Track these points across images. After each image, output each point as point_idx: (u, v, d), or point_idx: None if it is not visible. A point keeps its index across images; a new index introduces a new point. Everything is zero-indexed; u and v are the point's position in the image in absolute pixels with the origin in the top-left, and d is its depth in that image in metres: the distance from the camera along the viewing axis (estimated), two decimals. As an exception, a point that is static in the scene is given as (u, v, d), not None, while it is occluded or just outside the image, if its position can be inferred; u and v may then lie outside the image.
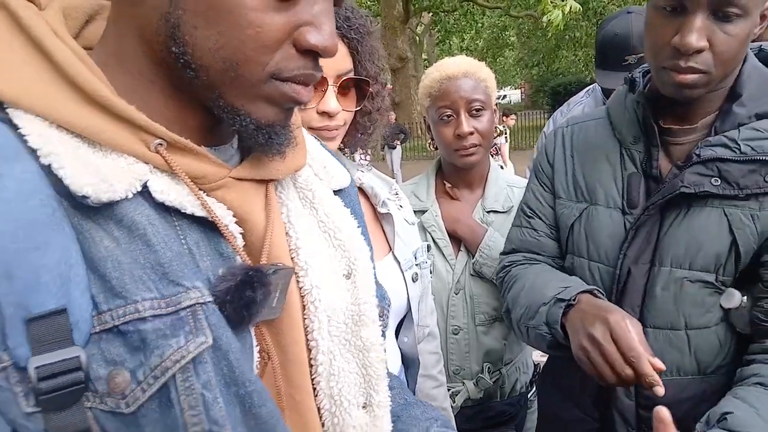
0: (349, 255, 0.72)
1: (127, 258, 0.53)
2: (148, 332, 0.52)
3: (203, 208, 0.58)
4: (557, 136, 1.38)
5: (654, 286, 1.13)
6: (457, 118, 1.62)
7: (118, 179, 0.54)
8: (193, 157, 0.59)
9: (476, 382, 1.68)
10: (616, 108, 1.28)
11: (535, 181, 1.40)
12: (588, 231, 1.23)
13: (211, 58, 0.55)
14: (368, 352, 0.70)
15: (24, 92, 0.53)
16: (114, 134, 0.55)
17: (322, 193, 0.74)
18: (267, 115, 0.59)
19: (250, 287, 0.58)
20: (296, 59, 0.58)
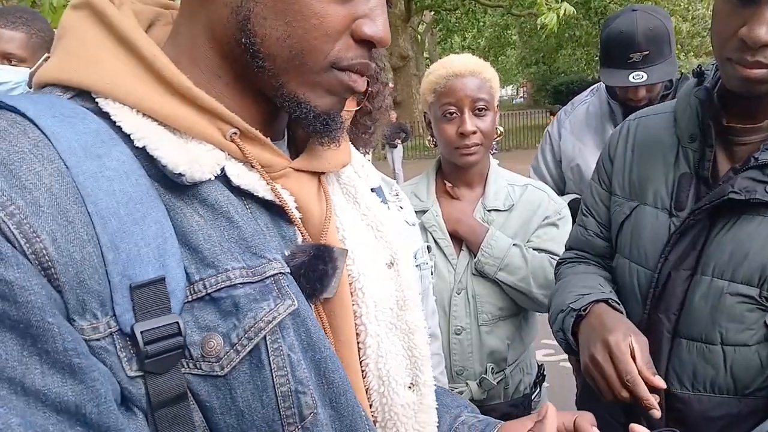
0: (391, 246, 0.77)
1: (215, 232, 0.57)
2: (240, 297, 0.56)
3: (273, 192, 0.63)
4: (622, 130, 1.31)
5: (692, 295, 1.07)
6: (461, 116, 1.60)
7: (204, 161, 0.58)
8: (261, 147, 0.63)
9: (479, 382, 1.67)
10: (681, 102, 1.20)
11: (595, 176, 1.35)
12: (634, 231, 1.19)
13: (278, 47, 0.60)
14: (413, 334, 0.74)
15: (113, 83, 0.57)
16: (195, 122, 0.59)
17: (363, 189, 0.79)
18: (325, 103, 0.64)
19: (322, 261, 0.63)
20: (354, 49, 0.62)
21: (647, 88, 2.01)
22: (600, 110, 2.23)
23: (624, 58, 1.97)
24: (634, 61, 1.95)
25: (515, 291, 1.63)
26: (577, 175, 2.23)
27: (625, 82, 1.97)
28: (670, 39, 2.00)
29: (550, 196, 1.73)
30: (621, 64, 1.98)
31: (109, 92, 0.57)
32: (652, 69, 1.95)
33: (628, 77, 1.96)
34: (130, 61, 0.58)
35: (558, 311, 1.18)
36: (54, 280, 0.49)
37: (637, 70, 1.95)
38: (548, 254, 1.65)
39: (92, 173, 0.52)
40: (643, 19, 1.96)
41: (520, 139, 18.60)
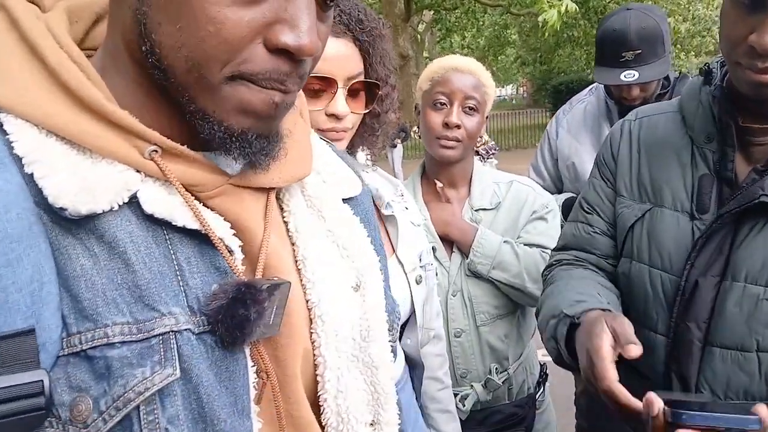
0: (358, 266, 0.70)
1: (102, 278, 0.51)
2: (114, 359, 0.50)
3: (196, 219, 0.55)
4: (623, 129, 1.27)
5: (724, 302, 1.04)
6: (450, 108, 1.62)
7: (104, 189, 0.52)
8: (189, 164, 0.56)
9: (485, 384, 1.67)
10: (690, 102, 1.17)
11: (596, 174, 1.30)
12: (651, 235, 1.14)
13: (174, 57, 0.52)
14: (376, 369, 0.68)
15: (17, 97, 0.52)
16: (106, 140, 0.53)
17: (330, 201, 0.72)
18: (241, 122, 0.55)
19: (242, 305, 0.55)
20: (264, 61, 0.53)
21: (641, 87, 2.02)
22: (597, 109, 2.24)
23: (616, 56, 1.98)
24: (626, 59, 1.97)
25: (510, 288, 1.64)
26: (572, 174, 2.24)
27: (617, 80, 1.99)
28: (663, 38, 2.01)
29: (536, 190, 1.74)
30: (614, 63, 2.00)
31: (11, 107, 0.51)
32: (644, 68, 1.96)
33: (619, 76, 1.98)
34: (39, 72, 0.53)
35: (549, 316, 1.13)
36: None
37: (629, 68, 1.96)
38: (539, 248, 1.65)
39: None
40: (637, 18, 1.98)
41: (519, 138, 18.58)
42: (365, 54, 1.21)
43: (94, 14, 0.62)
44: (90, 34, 0.63)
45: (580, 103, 2.32)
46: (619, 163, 1.24)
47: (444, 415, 1.47)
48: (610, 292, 1.19)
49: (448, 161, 1.67)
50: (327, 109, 1.16)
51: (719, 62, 1.15)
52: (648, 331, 1.14)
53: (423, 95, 1.68)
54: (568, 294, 1.14)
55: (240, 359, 0.58)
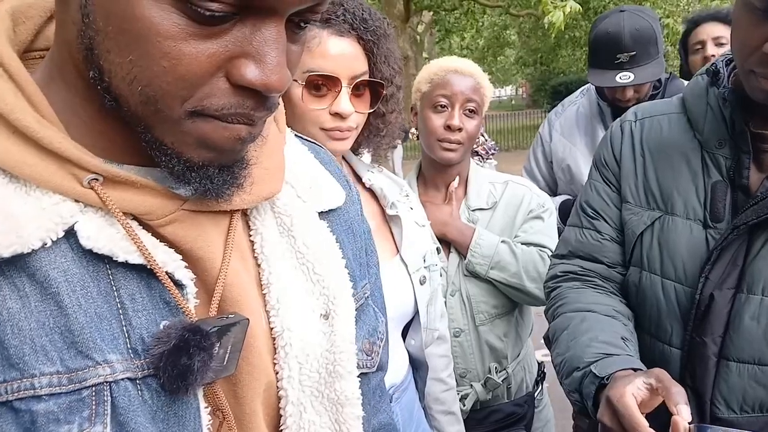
0: (328, 293, 0.64)
1: (32, 322, 0.47)
2: (39, 414, 0.46)
3: (140, 254, 0.50)
4: (624, 130, 1.22)
5: (741, 316, 1.01)
6: (451, 111, 1.62)
7: (34, 226, 0.47)
8: (135, 191, 0.51)
9: (485, 383, 1.68)
10: (696, 103, 1.12)
11: (598, 177, 1.24)
12: (663, 244, 1.10)
13: (126, 88, 0.47)
14: (342, 406, 0.64)
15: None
16: (39, 168, 0.48)
17: (303, 218, 0.65)
18: (201, 155, 0.50)
19: (185, 353, 0.50)
20: (227, 95, 0.48)
21: (635, 89, 2.02)
22: (590, 111, 2.24)
23: (611, 58, 1.98)
24: (621, 61, 1.97)
25: (508, 287, 1.64)
26: (567, 176, 2.24)
27: (612, 82, 1.99)
28: (657, 40, 2.02)
29: (532, 190, 1.75)
30: (608, 65, 2.00)
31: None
32: (638, 69, 1.97)
33: (615, 78, 1.98)
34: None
35: (573, 367, 1.05)
36: None
37: (624, 70, 1.96)
38: (537, 247, 1.66)
39: None
40: (630, 20, 1.98)
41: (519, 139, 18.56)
42: (369, 53, 1.22)
43: (46, 10, 0.57)
44: (43, 33, 0.57)
45: (573, 105, 2.32)
46: (623, 166, 1.19)
47: (448, 417, 1.48)
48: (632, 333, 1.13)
49: (449, 163, 1.68)
50: (331, 108, 1.16)
51: (724, 61, 1.11)
52: (662, 344, 1.12)
53: (422, 97, 1.68)
54: (593, 343, 1.06)
55: (191, 402, 0.54)
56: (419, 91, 1.69)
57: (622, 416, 0.89)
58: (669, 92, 2.08)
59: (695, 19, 2.41)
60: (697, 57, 2.38)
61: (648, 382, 0.92)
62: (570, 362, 1.08)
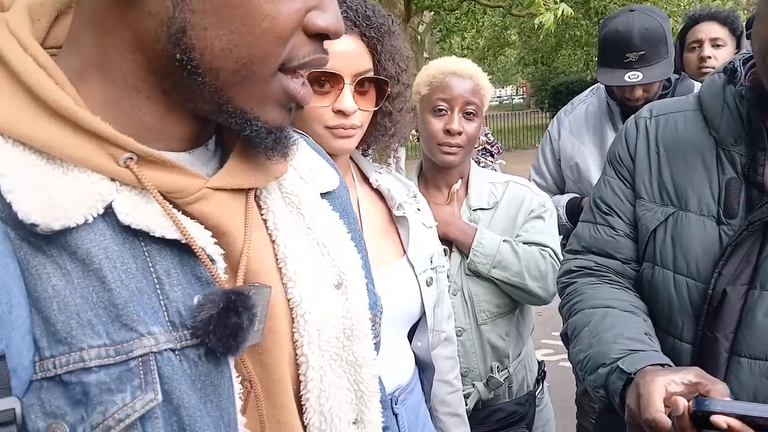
0: (339, 264, 0.69)
1: (76, 297, 0.49)
2: (91, 385, 0.48)
3: (176, 229, 0.54)
4: (639, 127, 1.22)
5: (753, 312, 1.01)
6: (450, 114, 1.62)
7: (75, 202, 0.49)
8: (167, 171, 0.55)
9: (486, 382, 1.68)
10: (712, 101, 1.12)
11: (612, 173, 1.24)
12: (676, 240, 1.10)
13: (223, 59, 0.53)
14: (360, 367, 0.67)
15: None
16: (77, 148, 0.50)
17: (308, 197, 0.70)
18: (275, 117, 0.58)
19: (234, 313, 0.54)
20: (307, 44, 0.57)
21: (644, 88, 2.03)
22: (599, 110, 2.24)
23: (620, 57, 1.99)
24: (630, 60, 1.97)
25: (510, 286, 1.65)
26: (575, 174, 2.25)
27: (621, 81, 1.99)
28: (666, 39, 2.02)
29: (533, 190, 1.75)
30: (617, 64, 2.00)
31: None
32: (647, 69, 1.97)
33: (623, 77, 1.98)
34: (3, 78, 0.50)
35: (598, 364, 1.05)
36: None
37: (633, 69, 1.97)
38: (538, 246, 1.66)
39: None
40: (640, 19, 1.99)
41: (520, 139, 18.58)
42: (373, 50, 1.21)
43: (54, 11, 0.59)
44: (51, 32, 0.60)
45: (582, 104, 2.33)
46: (637, 163, 1.20)
47: (453, 419, 1.47)
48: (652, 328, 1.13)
49: (449, 166, 1.69)
50: (334, 105, 1.16)
51: (742, 60, 1.11)
52: (673, 339, 1.12)
53: (421, 100, 1.68)
54: (618, 339, 1.06)
55: (224, 371, 0.56)
56: (418, 94, 1.69)
57: (641, 396, 0.90)
58: (678, 92, 2.08)
59: (695, 17, 2.43)
60: (693, 55, 2.40)
61: (686, 378, 0.92)
62: (595, 358, 1.07)
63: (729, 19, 2.35)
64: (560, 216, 2.14)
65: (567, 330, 1.22)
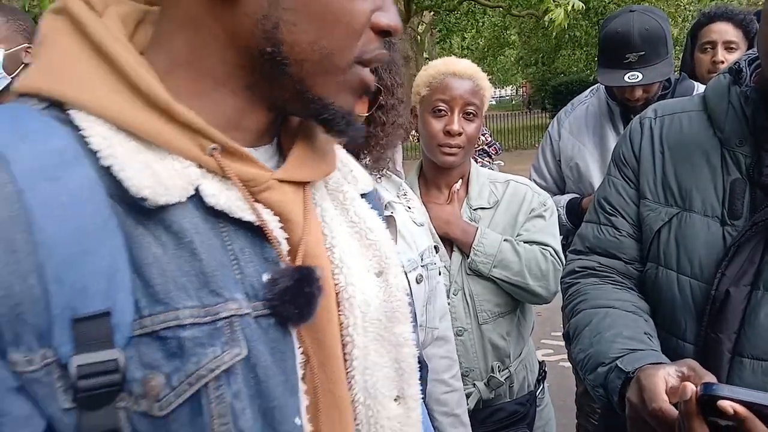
0: (380, 254, 0.74)
1: (172, 265, 0.55)
2: (186, 339, 0.54)
3: (252, 212, 0.60)
4: (644, 127, 1.22)
5: (757, 313, 1.01)
6: (450, 115, 1.62)
7: (173, 183, 0.56)
8: (243, 162, 0.61)
9: (487, 382, 1.68)
10: (717, 101, 1.12)
11: (617, 173, 1.24)
12: (680, 240, 1.10)
13: (309, 51, 0.60)
14: (401, 347, 0.73)
15: (87, 95, 0.55)
16: (172, 137, 0.57)
17: (351, 194, 0.77)
18: (348, 102, 0.65)
19: (307, 284, 0.61)
20: (374, 41, 0.64)
21: (644, 88, 2.03)
22: (599, 110, 2.24)
23: (620, 58, 1.98)
24: (629, 61, 1.97)
25: (511, 286, 1.65)
26: (575, 174, 2.25)
27: (621, 82, 1.99)
28: (666, 39, 2.02)
29: (533, 189, 1.75)
30: (617, 64, 2.00)
31: (82, 104, 0.55)
32: (647, 69, 1.97)
33: (623, 77, 1.98)
34: (106, 72, 0.56)
35: (598, 362, 1.06)
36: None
37: (633, 70, 1.97)
38: (539, 245, 1.66)
39: (45, 198, 0.51)
40: (640, 20, 1.98)
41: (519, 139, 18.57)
42: None
43: (135, 21, 0.66)
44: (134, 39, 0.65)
45: (582, 104, 2.32)
46: (642, 163, 1.20)
47: (450, 419, 1.47)
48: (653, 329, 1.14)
49: (450, 167, 1.69)
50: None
51: (747, 60, 1.11)
52: (675, 339, 1.12)
53: (421, 101, 1.68)
54: (617, 338, 1.07)
55: (289, 341, 0.62)
56: (418, 95, 1.69)
57: (645, 389, 0.91)
58: (678, 93, 2.08)
59: (710, 15, 2.37)
60: (705, 56, 2.35)
61: (680, 370, 0.93)
62: (594, 358, 1.08)
63: (744, 21, 2.29)
64: (560, 216, 2.14)
65: (569, 330, 1.23)
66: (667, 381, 0.92)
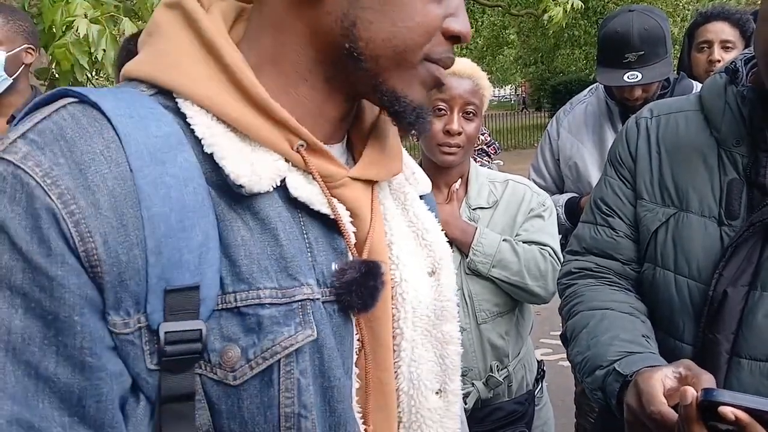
0: (435, 254, 0.78)
1: (257, 248, 0.59)
2: (265, 317, 0.58)
3: (329, 206, 0.64)
4: (640, 127, 1.22)
5: (754, 313, 1.01)
6: (450, 115, 1.62)
7: (265, 173, 0.60)
8: (324, 159, 0.65)
9: (486, 381, 1.68)
10: (714, 101, 1.12)
11: (613, 174, 1.24)
12: (677, 241, 1.10)
13: (383, 47, 0.63)
14: (447, 344, 0.76)
15: (195, 86, 0.60)
16: (267, 132, 0.62)
17: (412, 195, 0.80)
18: (419, 96, 0.68)
19: (372, 277, 0.65)
20: (443, 44, 0.67)
21: (643, 88, 2.03)
22: (598, 109, 2.25)
23: (619, 57, 1.99)
24: (629, 60, 1.97)
25: (510, 285, 1.65)
26: (574, 174, 2.25)
27: (620, 81, 1.99)
28: (665, 39, 2.02)
29: (532, 189, 1.75)
30: (616, 64, 2.00)
31: (189, 94, 0.60)
32: (647, 69, 1.97)
33: (623, 77, 1.98)
34: (213, 67, 0.61)
35: (595, 365, 1.05)
36: (98, 278, 0.53)
37: (632, 69, 1.97)
38: (538, 245, 1.66)
39: (153, 178, 0.55)
40: (639, 20, 1.99)
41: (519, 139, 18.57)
42: None
43: (231, 18, 0.70)
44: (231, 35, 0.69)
45: (581, 104, 2.33)
46: (638, 163, 1.19)
47: None
48: (650, 330, 1.14)
49: (449, 166, 1.69)
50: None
51: (743, 60, 1.11)
52: (673, 340, 1.12)
53: None
54: (615, 342, 1.07)
55: (349, 328, 0.67)
56: None
57: (643, 393, 0.91)
58: (677, 92, 2.08)
59: (706, 14, 2.37)
60: (702, 56, 2.36)
61: (677, 371, 0.93)
62: (592, 360, 1.08)
63: (741, 21, 2.29)
64: (559, 216, 2.14)
65: (566, 332, 1.23)
66: (665, 383, 0.92)
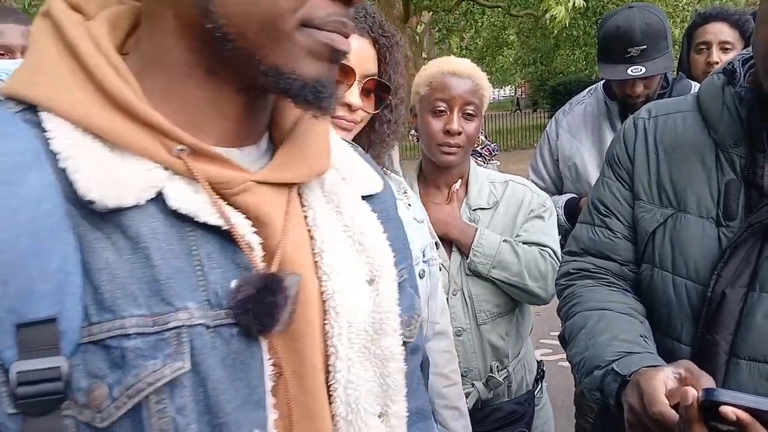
0: (373, 261, 0.71)
1: (124, 271, 0.54)
2: (128, 350, 0.53)
3: (220, 216, 0.58)
4: (638, 128, 1.21)
5: (753, 314, 1.01)
6: (450, 114, 1.62)
7: (130, 186, 0.54)
8: (215, 163, 0.59)
9: (486, 382, 1.68)
10: (711, 102, 1.12)
11: (611, 174, 1.24)
12: (675, 241, 1.10)
13: (246, 21, 0.56)
14: (387, 361, 0.69)
15: (56, 97, 0.55)
16: (136, 138, 0.56)
17: (347, 197, 0.73)
18: (311, 70, 0.59)
19: (270, 293, 0.58)
20: (326, 6, 0.58)
21: (645, 84, 2.03)
22: (597, 110, 2.25)
23: (622, 52, 1.99)
24: (632, 55, 1.98)
25: (510, 286, 1.64)
26: (573, 174, 2.26)
27: (624, 75, 2.00)
28: (666, 34, 2.04)
29: (532, 189, 1.76)
30: (619, 59, 2.01)
31: (52, 107, 0.55)
32: (649, 63, 1.99)
33: (626, 70, 1.99)
34: (79, 76, 0.57)
35: (594, 366, 1.06)
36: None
37: (635, 64, 1.97)
38: (538, 246, 1.66)
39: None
40: (640, 15, 2.00)
41: (519, 139, 18.59)
42: (382, 57, 1.26)
43: (130, 22, 0.65)
44: (128, 41, 0.66)
45: (580, 105, 2.34)
46: (636, 164, 1.19)
47: (451, 412, 1.48)
48: (649, 331, 1.14)
49: (449, 166, 1.69)
50: (342, 97, 1.19)
51: (741, 60, 1.11)
52: (671, 341, 1.12)
53: (421, 100, 1.68)
54: (613, 342, 1.07)
55: (256, 352, 0.60)
56: (418, 94, 1.69)
57: (644, 393, 0.90)
58: (676, 92, 2.10)
59: (705, 15, 2.38)
60: (700, 57, 2.36)
61: (677, 371, 0.92)
62: (590, 361, 1.08)
63: (740, 22, 2.29)
64: (558, 216, 2.14)
65: (564, 332, 1.22)
66: (666, 384, 0.91)
